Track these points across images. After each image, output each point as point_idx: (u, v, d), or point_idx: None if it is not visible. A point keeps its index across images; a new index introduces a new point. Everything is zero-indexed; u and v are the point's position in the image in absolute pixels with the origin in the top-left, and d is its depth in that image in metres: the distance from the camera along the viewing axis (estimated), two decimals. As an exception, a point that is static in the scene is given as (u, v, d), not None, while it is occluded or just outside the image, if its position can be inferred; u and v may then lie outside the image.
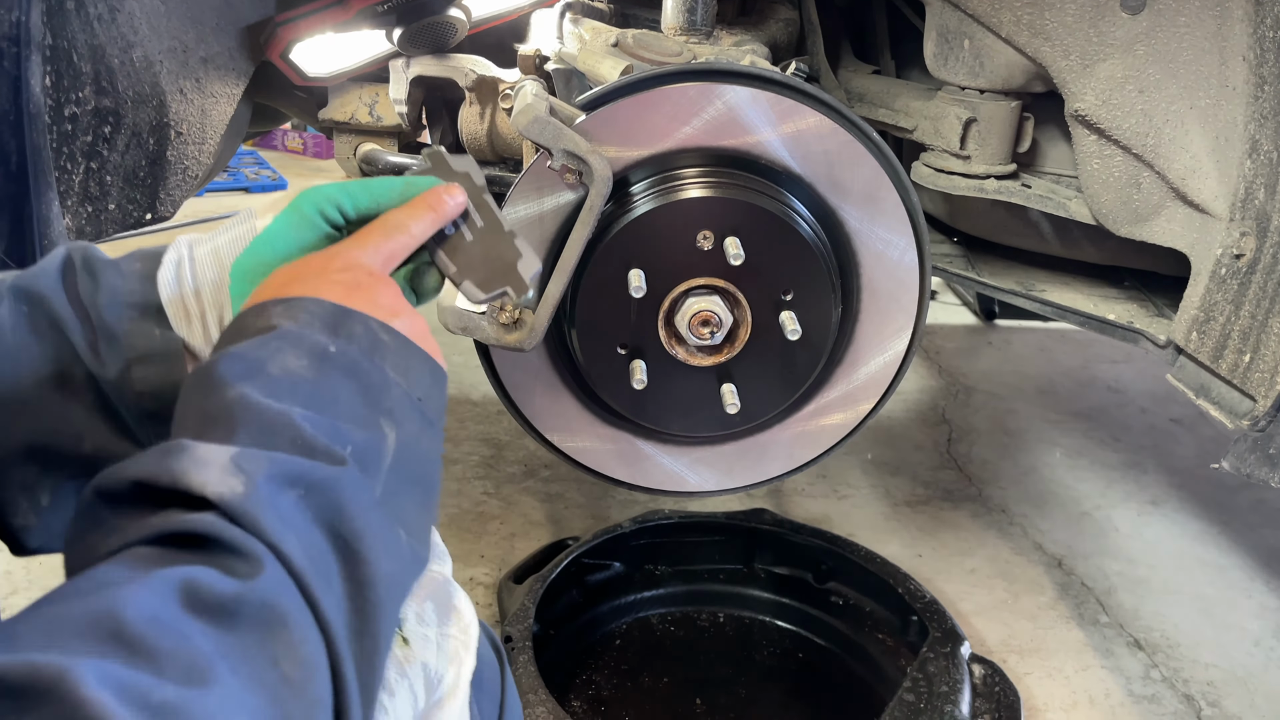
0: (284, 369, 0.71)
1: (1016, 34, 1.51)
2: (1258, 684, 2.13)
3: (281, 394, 0.69)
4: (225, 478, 0.61)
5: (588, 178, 1.17)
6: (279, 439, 0.66)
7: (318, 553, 0.63)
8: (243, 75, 1.66)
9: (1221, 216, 1.40)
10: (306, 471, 0.65)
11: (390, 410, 0.75)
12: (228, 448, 0.63)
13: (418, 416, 0.78)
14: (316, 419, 0.69)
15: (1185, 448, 3.14)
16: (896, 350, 1.35)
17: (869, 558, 2.15)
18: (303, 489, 0.64)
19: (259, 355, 0.71)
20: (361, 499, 0.68)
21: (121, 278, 0.86)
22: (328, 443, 0.68)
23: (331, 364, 0.73)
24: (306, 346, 0.73)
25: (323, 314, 0.76)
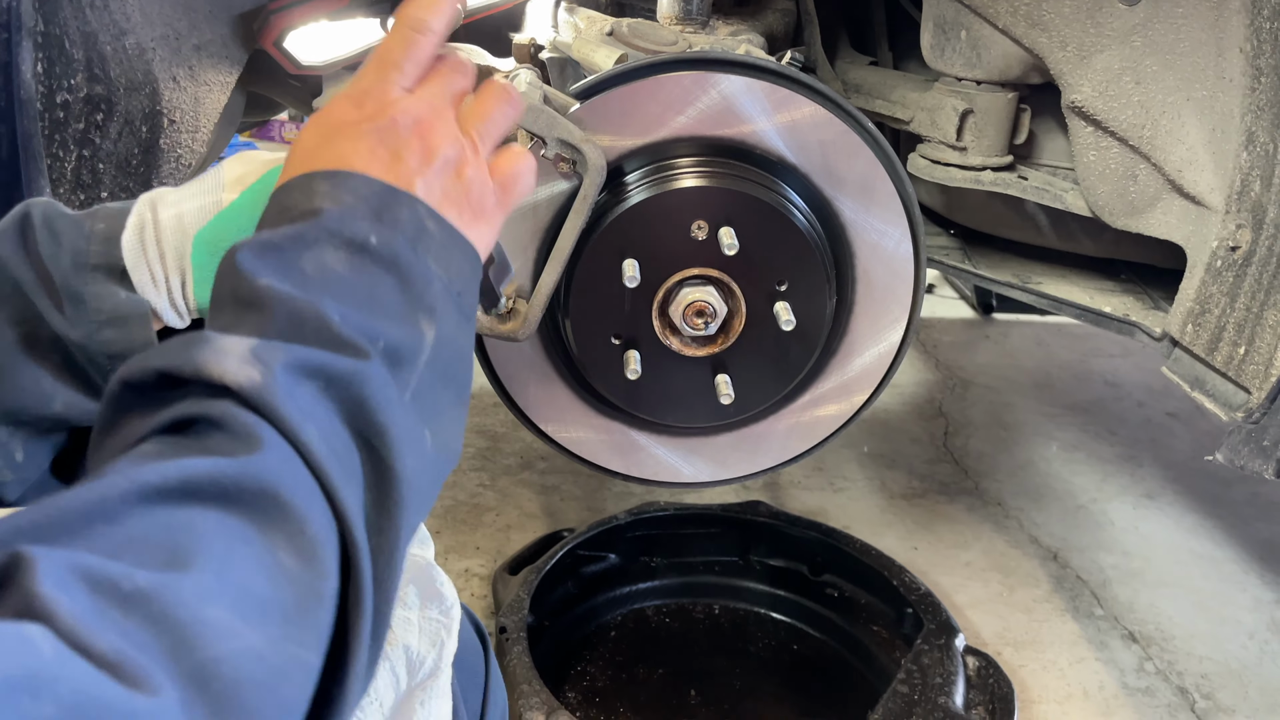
0: (319, 266, 0.70)
1: (1013, 25, 1.51)
2: (1251, 676, 2.14)
3: (314, 288, 0.68)
4: (243, 367, 0.61)
5: (582, 167, 1.16)
6: (304, 330, 0.66)
7: (340, 444, 0.63)
8: (236, 63, 1.65)
9: (1217, 209, 1.40)
10: (327, 364, 0.64)
11: (431, 307, 0.74)
12: (248, 340, 0.63)
13: (455, 311, 0.77)
14: (348, 313, 0.68)
15: (1181, 441, 3.14)
16: (891, 341, 1.35)
17: (864, 550, 2.15)
18: (323, 381, 0.64)
19: (291, 247, 0.70)
20: (386, 394, 0.67)
21: (84, 239, 0.84)
22: (355, 337, 0.67)
23: (372, 257, 0.72)
24: (346, 238, 0.71)
25: (369, 195, 0.74)
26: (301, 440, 0.60)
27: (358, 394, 0.65)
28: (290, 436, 0.60)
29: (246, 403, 0.60)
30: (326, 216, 0.71)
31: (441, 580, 0.97)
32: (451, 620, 0.92)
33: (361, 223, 0.72)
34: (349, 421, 0.65)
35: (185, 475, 0.55)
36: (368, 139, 0.76)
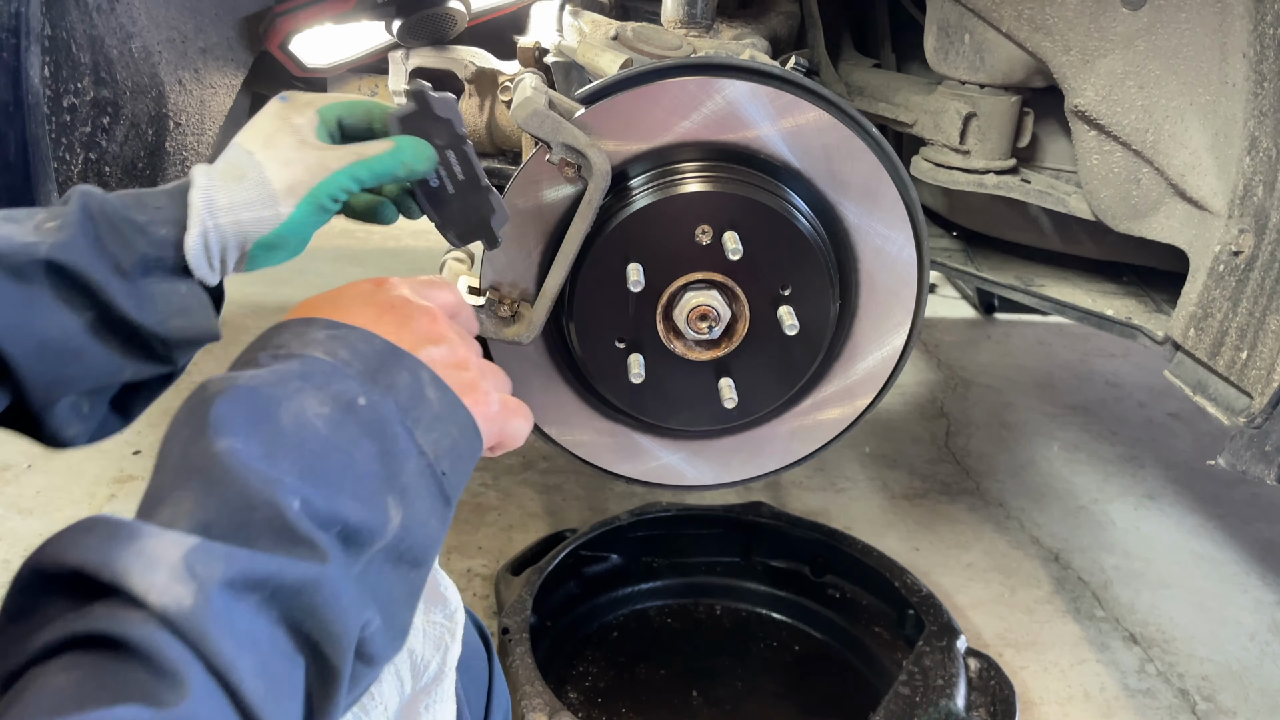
0: (297, 418, 0.66)
1: (1017, 29, 1.51)
2: (1252, 678, 2.14)
3: (281, 453, 0.64)
4: (172, 585, 0.55)
5: (586, 172, 1.17)
6: (255, 521, 0.61)
7: (280, 662, 0.58)
8: (242, 66, 1.66)
9: (1220, 213, 1.40)
10: (275, 573, 0.59)
11: (404, 488, 0.70)
12: (184, 540, 0.57)
13: (432, 495, 0.72)
14: (310, 494, 0.63)
15: (1182, 442, 3.14)
16: (894, 345, 1.35)
17: (866, 551, 2.16)
18: (268, 592, 0.59)
19: (275, 394, 0.67)
20: (339, 600, 0.62)
21: (149, 244, 0.88)
22: (311, 530, 0.62)
23: (355, 419, 0.68)
24: (333, 392, 0.69)
25: (369, 353, 0.73)
26: (233, 681, 0.54)
27: (307, 603, 0.60)
28: (221, 675, 0.54)
29: (172, 628, 0.54)
30: (315, 365, 0.70)
31: (445, 584, 0.97)
32: (455, 624, 0.92)
33: (352, 381, 0.70)
34: (293, 630, 0.60)
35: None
36: (378, 305, 0.78)
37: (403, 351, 0.74)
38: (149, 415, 2.84)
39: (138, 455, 2.64)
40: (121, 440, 2.68)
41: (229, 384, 0.67)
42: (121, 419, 0.95)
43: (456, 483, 0.75)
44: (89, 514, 2.00)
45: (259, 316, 3.36)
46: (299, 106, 0.98)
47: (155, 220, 0.89)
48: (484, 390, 0.81)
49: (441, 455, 0.73)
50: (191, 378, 2.32)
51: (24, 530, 2.31)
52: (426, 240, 4.38)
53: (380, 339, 0.74)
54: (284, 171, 0.92)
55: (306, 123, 0.96)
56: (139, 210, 0.88)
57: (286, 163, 0.92)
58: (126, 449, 2.65)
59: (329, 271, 3.93)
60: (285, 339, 0.73)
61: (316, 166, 0.93)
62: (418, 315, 0.81)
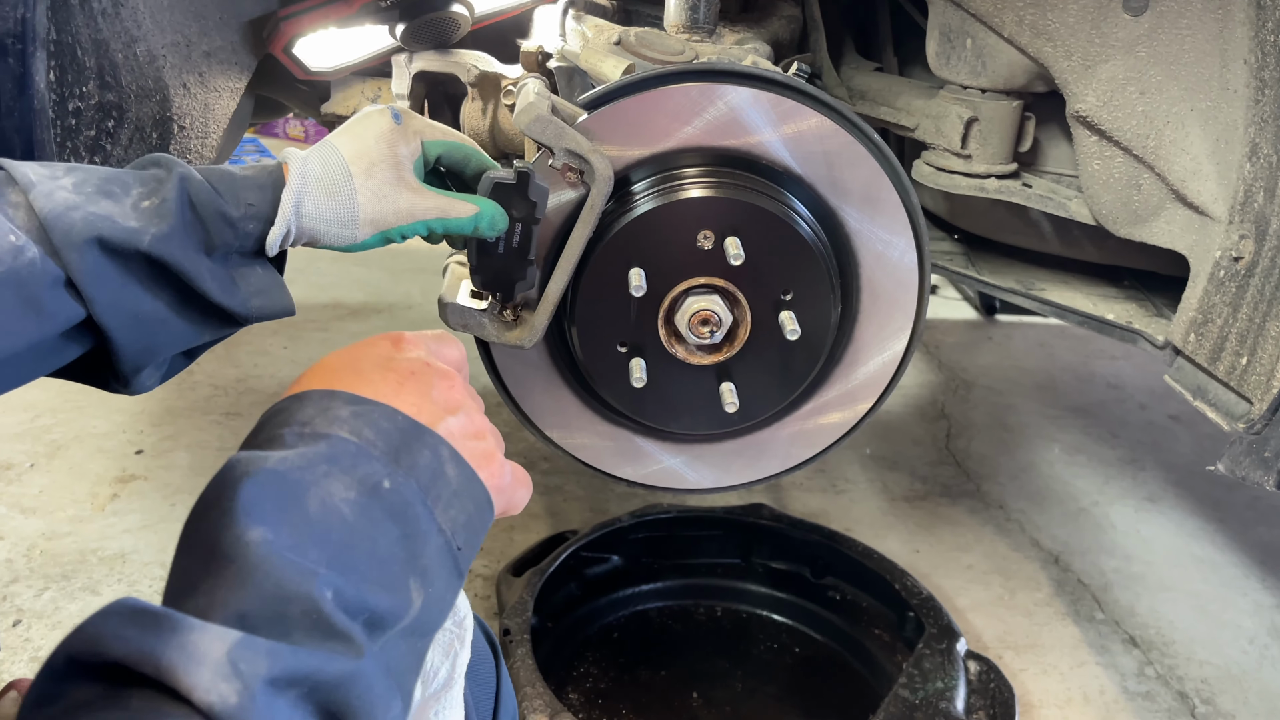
0: (324, 504, 0.67)
1: (1019, 34, 1.51)
2: (1251, 682, 2.15)
3: (310, 542, 0.65)
4: (217, 682, 0.55)
5: (589, 177, 1.17)
6: (291, 615, 0.61)
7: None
8: (246, 69, 1.66)
9: (1221, 219, 1.41)
10: (316, 670, 0.60)
11: (425, 569, 0.71)
12: (226, 634, 0.57)
13: (449, 571, 0.74)
14: (340, 584, 0.64)
15: (1183, 445, 3.15)
16: (895, 350, 1.36)
17: (866, 553, 2.16)
18: (307, 687, 0.59)
19: (300, 479, 0.67)
20: (374, 689, 0.63)
21: (236, 236, 0.94)
22: (346, 623, 0.63)
23: (380, 503, 0.70)
24: (359, 475, 0.70)
25: (393, 431, 0.74)
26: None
27: (343, 698, 0.61)
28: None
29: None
30: (342, 447, 0.70)
31: None
32: (465, 631, 0.93)
33: (377, 464, 0.71)
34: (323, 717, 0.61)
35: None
36: (398, 372, 0.80)
37: (424, 429, 0.76)
38: (151, 415, 2.84)
39: (140, 455, 2.64)
40: (124, 440, 2.69)
41: (257, 466, 0.67)
42: (186, 361, 1.02)
43: (469, 556, 0.77)
44: (92, 514, 2.01)
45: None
46: (408, 135, 1.04)
47: (246, 216, 0.95)
48: (498, 462, 0.84)
49: (458, 530, 0.75)
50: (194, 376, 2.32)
51: (26, 529, 2.32)
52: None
53: (403, 416, 0.75)
54: (374, 205, 0.99)
55: (409, 154, 1.03)
56: (233, 204, 0.94)
57: (379, 198, 0.99)
58: (129, 448, 2.66)
59: (331, 271, 3.93)
60: (310, 414, 0.73)
61: (405, 212, 1.01)
62: (437, 382, 0.83)
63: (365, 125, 1.02)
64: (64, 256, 0.83)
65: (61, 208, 0.84)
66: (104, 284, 0.86)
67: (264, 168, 0.99)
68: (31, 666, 1.94)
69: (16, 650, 1.97)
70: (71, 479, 2.52)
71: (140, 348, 0.91)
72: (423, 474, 0.73)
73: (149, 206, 0.89)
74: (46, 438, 2.69)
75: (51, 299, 0.83)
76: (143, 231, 0.87)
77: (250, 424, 0.76)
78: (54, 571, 2.19)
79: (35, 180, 0.86)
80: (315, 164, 0.98)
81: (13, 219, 0.83)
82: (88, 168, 0.91)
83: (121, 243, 0.86)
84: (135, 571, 2.21)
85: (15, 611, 2.06)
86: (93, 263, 0.85)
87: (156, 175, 0.92)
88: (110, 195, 0.88)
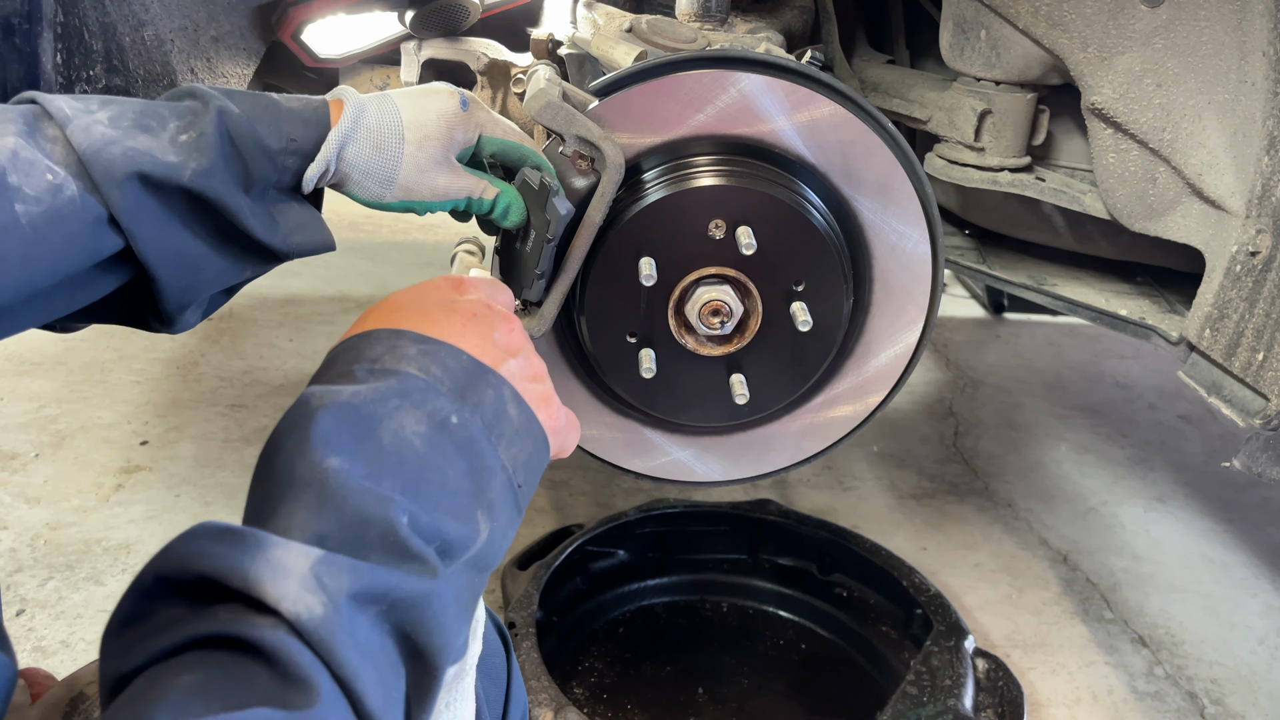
0: (397, 435, 0.69)
1: (1034, 25, 1.50)
2: (1261, 682, 2.13)
3: (385, 471, 0.66)
4: (303, 594, 0.57)
5: (600, 164, 1.16)
6: (370, 535, 0.63)
7: (390, 670, 0.61)
8: (254, 55, 1.65)
9: (1238, 213, 1.39)
10: (393, 588, 0.62)
11: (490, 503, 0.73)
12: (309, 551, 0.59)
13: (511, 507, 0.76)
14: (415, 511, 0.66)
15: (1193, 445, 3.13)
16: (908, 343, 1.34)
17: (874, 550, 2.15)
18: (386, 604, 0.61)
19: (373, 411, 0.69)
20: (447, 611, 0.65)
21: (275, 169, 0.93)
22: (421, 546, 0.65)
23: (449, 437, 0.71)
24: (429, 410, 0.71)
25: (459, 370, 0.76)
26: (357, 689, 0.56)
27: (418, 617, 0.63)
28: (346, 684, 0.56)
29: (302, 636, 0.56)
30: (411, 383, 0.72)
31: None
32: (477, 623, 0.92)
33: (444, 399, 0.73)
34: (401, 641, 0.62)
35: None
36: (462, 314, 0.81)
37: (487, 368, 0.78)
38: (156, 406, 2.83)
39: (145, 446, 2.64)
40: (129, 430, 2.68)
41: (332, 399, 0.69)
42: (225, 299, 1.01)
43: (527, 494, 0.79)
44: (97, 504, 2.00)
45: (266, 309, 3.36)
46: (468, 125, 1.05)
47: (287, 150, 0.94)
48: (556, 404, 0.86)
49: (519, 468, 0.77)
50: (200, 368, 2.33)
51: (31, 519, 2.31)
52: (434, 234, 4.38)
53: (467, 356, 0.77)
54: (414, 176, 1.00)
55: (462, 141, 1.04)
56: (273, 136, 0.93)
57: (421, 170, 1.00)
58: (134, 439, 2.66)
59: (338, 264, 3.93)
60: (378, 352, 0.75)
61: (440, 190, 1.02)
62: (499, 325, 0.84)
63: (432, 99, 1.03)
64: (105, 192, 0.82)
65: (100, 143, 0.83)
66: (146, 220, 0.84)
67: (310, 103, 0.98)
68: (35, 656, 1.93)
69: (20, 640, 1.96)
70: (76, 469, 2.52)
71: (184, 284, 0.89)
72: (487, 412, 0.75)
73: (187, 140, 0.87)
74: (52, 428, 2.69)
75: (93, 236, 0.81)
76: (183, 166, 0.86)
77: (255, 415, 0.77)
78: (58, 561, 2.18)
79: (71, 114, 0.84)
80: (372, 114, 0.98)
81: (50, 154, 0.81)
82: (121, 100, 0.89)
83: (163, 178, 0.85)
84: (140, 561, 2.19)
85: (19, 601, 2.06)
86: (134, 199, 0.83)
87: (192, 107, 0.90)
88: (147, 129, 0.86)
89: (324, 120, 0.96)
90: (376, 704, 0.57)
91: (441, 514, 0.68)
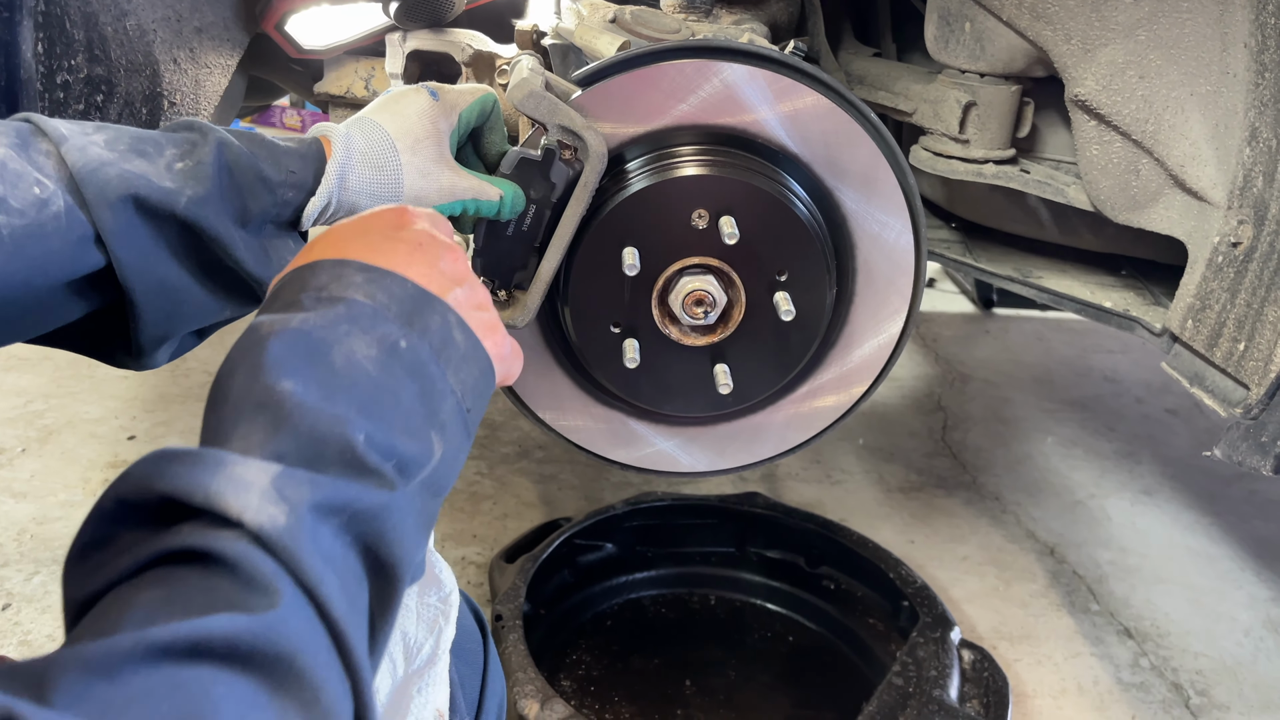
0: (348, 359, 0.69)
1: (1018, 17, 1.50)
2: (1246, 673, 2.14)
3: (339, 392, 0.67)
4: (265, 505, 0.58)
5: (583, 154, 1.16)
6: (328, 452, 0.64)
7: (353, 581, 0.62)
8: (237, 46, 1.64)
9: (1219, 204, 1.40)
10: (353, 500, 0.62)
11: (443, 423, 0.74)
12: (269, 466, 0.60)
13: (461, 430, 0.77)
14: (371, 430, 0.67)
15: (1179, 438, 3.14)
16: (891, 333, 1.35)
17: (861, 543, 2.15)
18: (346, 517, 0.62)
19: (324, 336, 0.70)
20: (405, 524, 0.66)
21: (274, 203, 0.92)
22: (379, 461, 0.66)
23: (398, 360, 0.72)
24: (378, 335, 0.72)
25: (405, 297, 0.76)
26: (321, 595, 0.57)
27: (379, 529, 0.63)
28: (310, 590, 0.57)
29: (265, 545, 0.57)
30: (359, 309, 0.72)
31: (440, 566, 0.97)
32: (450, 607, 0.92)
33: (392, 325, 0.73)
34: (364, 553, 0.63)
35: (198, 635, 0.51)
36: (407, 243, 0.81)
37: (433, 295, 0.78)
38: (144, 401, 2.83)
39: (132, 441, 2.63)
40: (116, 426, 2.67)
41: (282, 326, 0.70)
42: (196, 341, 0.99)
43: (475, 419, 0.80)
44: (84, 499, 2.01)
45: (256, 304, 3.35)
46: (445, 109, 1.05)
47: (286, 183, 0.93)
48: (501, 332, 0.86)
49: (467, 393, 0.78)
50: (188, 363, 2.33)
51: (17, 514, 2.30)
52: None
53: (412, 284, 0.77)
54: (418, 182, 1.01)
55: (448, 129, 1.05)
56: (274, 168, 0.92)
57: (423, 174, 1.01)
58: (121, 434, 2.65)
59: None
60: (324, 280, 0.75)
61: (446, 190, 1.03)
62: (444, 254, 0.84)
63: (405, 102, 1.03)
64: (95, 212, 0.81)
65: (95, 163, 0.82)
66: (134, 245, 0.83)
67: (303, 140, 0.98)
68: (21, 650, 1.93)
69: (6, 633, 1.96)
70: (63, 464, 2.51)
71: (163, 315, 0.88)
72: (434, 338, 0.76)
73: (184, 168, 0.87)
74: (39, 423, 2.68)
75: (74, 255, 0.80)
76: (178, 194, 0.85)
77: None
78: (44, 556, 2.18)
79: (67, 134, 0.83)
80: (359, 138, 0.98)
81: (41, 168, 0.80)
82: (117, 126, 0.89)
83: (157, 203, 0.84)
84: (126, 556, 2.19)
85: (5, 595, 2.05)
86: (125, 222, 0.82)
87: (190, 138, 0.90)
88: (144, 154, 0.86)
89: (319, 154, 0.96)
90: (340, 610, 0.57)
91: (397, 432, 0.69)
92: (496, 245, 1.18)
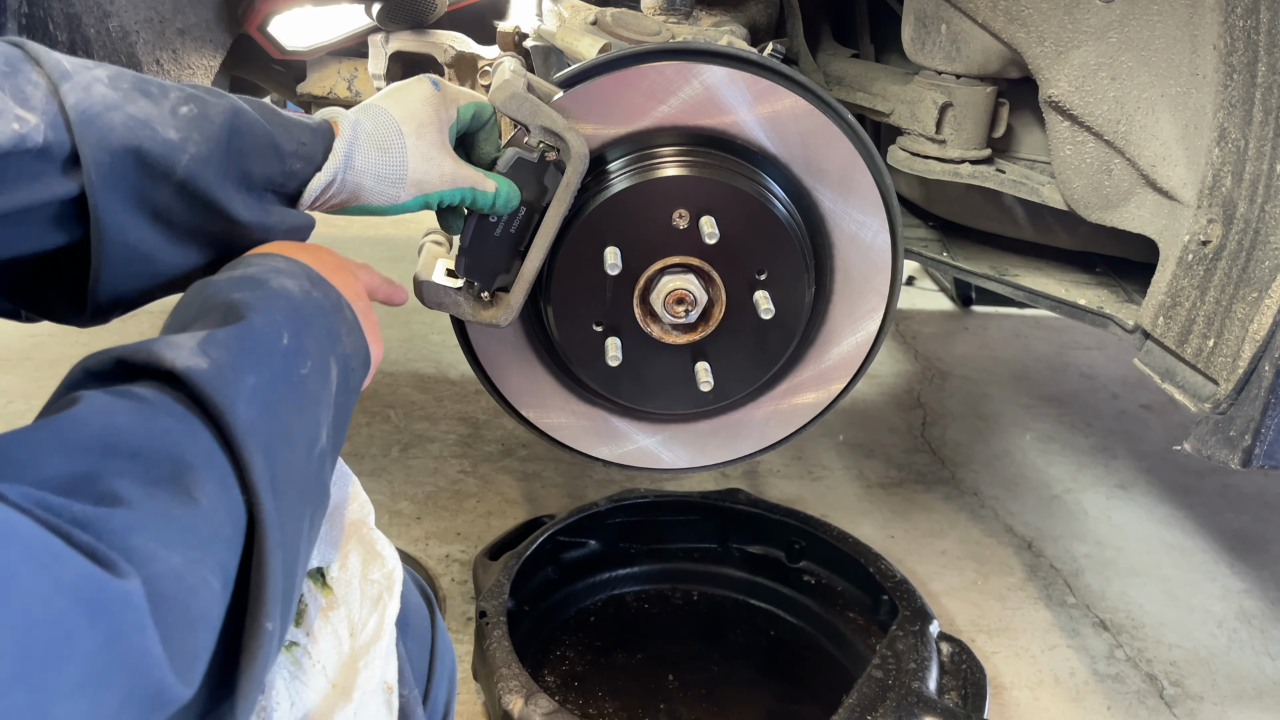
0: (281, 286, 0.82)
1: (992, 20, 1.52)
2: (1219, 664, 2.18)
3: (274, 305, 0.79)
4: (192, 357, 0.70)
5: (565, 155, 1.17)
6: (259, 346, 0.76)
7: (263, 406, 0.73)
8: (220, 48, 1.65)
9: (1189, 203, 1.43)
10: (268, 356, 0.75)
11: (340, 355, 0.86)
12: (196, 335, 0.72)
13: (349, 377, 0.88)
14: (293, 333, 0.79)
15: (1155, 433, 3.18)
16: (869, 331, 1.37)
17: (841, 538, 2.17)
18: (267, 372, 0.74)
19: (261, 275, 0.83)
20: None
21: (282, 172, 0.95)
22: (294, 359, 0.79)
23: (310, 301, 0.84)
24: (297, 281, 0.85)
25: (309, 273, 0.88)
26: (226, 422, 0.69)
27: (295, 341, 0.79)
28: (217, 414, 0.69)
29: (189, 389, 0.69)
30: (282, 264, 0.87)
31: (382, 543, 0.98)
32: (393, 582, 0.93)
33: (304, 280, 0.87)
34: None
35: (114, 434, 0.64)
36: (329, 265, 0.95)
37: (327, 280, 0.89)
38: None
39: (114, 440, 2.62)
40: (98, 425, 2.66)
41: (225, 271, 0.83)
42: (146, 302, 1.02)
43: (358, 382, 0.91)
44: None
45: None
46: (448, 101, 1.09)
47: (297, 154, 0.95)
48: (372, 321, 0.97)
49: (352, 355, 0.89)
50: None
51: None
52: (406, 229, 4.37)
53: (314, 270, 0.89)
54: (422, 166, 1.04)
55: (448, 119, 1.08)
56: (286, 138, 0.94)
57: (427, 159, 1.04)
58: (103, 434, 2.64)
59: (308, 259, 3.90)
60: (252, 258, 0.88)
61: (448, 176, 1.07)
62: (339, 266, 0.96)
63: (410, 91, 1.06)
64: (92, 157, 0.79)
65: (100, 105, 0.79)
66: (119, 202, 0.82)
67: (312, 117, 0.99)
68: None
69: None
70: (44, 464, 2.50)
71: (126, 278, 0.86)
72: (327, 300, 0.88)
73: (188, 113, 0.85)
74: (20, 423, 2.66)
75: (34, 187, 0.78)
76: (181, 149, 0.84)
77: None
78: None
79: (70, 70, 0.79)
80: (366, 121, 1.01)
81: (27, 99, 0.76)
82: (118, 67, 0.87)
83: (158, 159, 0.83)
84: (109, 556, 2.19)
85: (-13, 596, 2.04)
86: (119, 176, 0.81)
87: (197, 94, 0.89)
88: (148, 95, 0.84)
89: (328, 132, 0.98)
90: (243, 433, 0.70)
91: (310, 343, 0.82)
92: (483, 245, 1.19)
